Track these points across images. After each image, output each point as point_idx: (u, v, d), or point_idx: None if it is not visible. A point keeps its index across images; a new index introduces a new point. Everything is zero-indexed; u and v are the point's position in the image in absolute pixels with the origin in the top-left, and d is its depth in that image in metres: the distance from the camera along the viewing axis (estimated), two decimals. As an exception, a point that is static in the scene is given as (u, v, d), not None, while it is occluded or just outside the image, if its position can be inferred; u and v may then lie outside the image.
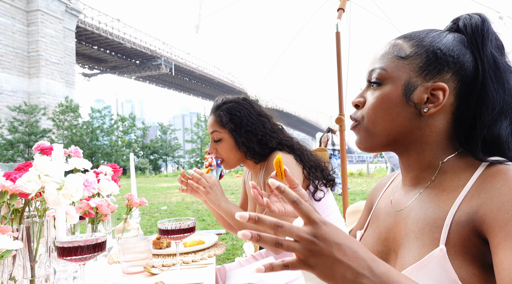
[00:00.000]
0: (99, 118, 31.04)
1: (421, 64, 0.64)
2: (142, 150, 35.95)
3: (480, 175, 0.58)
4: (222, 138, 1.42)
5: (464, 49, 0.64)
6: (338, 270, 0.46)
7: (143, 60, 55.83)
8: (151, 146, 36.31)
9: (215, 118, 1.44)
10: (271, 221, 0.46)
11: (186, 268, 1.23)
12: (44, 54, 31.30)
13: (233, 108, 1.43)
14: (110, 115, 33.76)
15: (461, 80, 0.63)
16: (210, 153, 1.47)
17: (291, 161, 1.35)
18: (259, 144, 1.39)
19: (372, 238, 0.73)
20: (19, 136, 26.23)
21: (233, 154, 1.43)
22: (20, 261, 0.84)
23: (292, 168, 1.33)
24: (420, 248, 0.59)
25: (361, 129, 0.70)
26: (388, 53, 0.68)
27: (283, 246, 0.45)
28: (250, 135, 1.39)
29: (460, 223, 0.55)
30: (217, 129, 1.43)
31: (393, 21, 2.80)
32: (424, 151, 0.66)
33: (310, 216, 0.47)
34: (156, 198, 9.96)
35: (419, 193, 0.66)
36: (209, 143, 1.48)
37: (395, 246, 0.66)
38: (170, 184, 15.78)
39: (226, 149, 1.43)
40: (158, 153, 36.87)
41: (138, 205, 1.38)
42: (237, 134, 1.40)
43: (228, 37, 3.10)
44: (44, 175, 0.84)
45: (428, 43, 0.66)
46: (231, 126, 1.40)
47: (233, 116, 1.41)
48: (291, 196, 0.48)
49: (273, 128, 1.44)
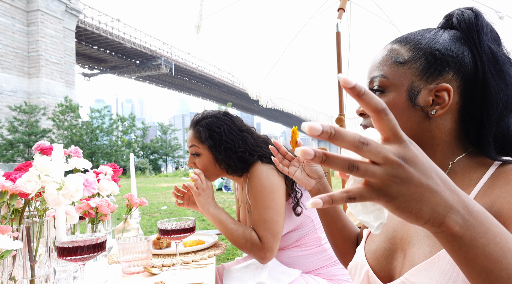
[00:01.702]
0: (98, 118, 31.06)
1: (421, 67, 0.64)
2: (142, 150, 35.96)
3: (493, 173, 0.58)
4: (200, 153, 1.39)
5: (462, 46, 0.64)
6: (428, 202, 0.36)
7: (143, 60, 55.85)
8: (151, 145, 36.33)
9: (194, 133, 1.40)
10: (354, 136, 0.34)
11: (186, 268, 1.23)
12: (44, 54, 31.31)
13: (212, 124, 1.39)
14: (109, 115, 33.74)
15: (463, 78, 0.63)
16: (189, 167, 1.44)
17: (271, 170, 1.31)
18: (239, 160, 1.36)
19: (379, 236, 0.73)
20: (19, 136, 26.24)
21: (211, 169, 1.40)
22: (20, 261, 0.84)
23: (273, 178, 1.30)
24: (431, 246, 0.58)
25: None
26: (386, 60, 0.67)
27: (360, 169, 0.34)
28: (230, 152, 1.36)
29: None
30: (195, 144, 1.39)
31: (394, 21, 2.80)
32: (435, 152, 0.66)
33: (398, 131, 0.36)
34: (156, 198, 9.96)
35: None
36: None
37: (402, 245, 0.66)
38: (170, 184, 15.78)
39: (204, 164, 1.39)
40: (158, 153, 36.88)
41: (138, 205, 1.38)
42: (216, 151, 1.36)
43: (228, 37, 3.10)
44: (44, 175, 0.84)
45: (425, 45, 0.65)
46: (210, 143, 1.37)
47: (212, 132, 1.38)
48: (375, 101, 0.35)
49: (255, 142, 1.41)
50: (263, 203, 1.27)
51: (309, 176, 0.91)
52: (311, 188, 0.91)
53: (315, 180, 0.91)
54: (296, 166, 0.92)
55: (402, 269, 0.62)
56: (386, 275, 0.66)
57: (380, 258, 0.69)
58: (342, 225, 0.91)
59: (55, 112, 28.49)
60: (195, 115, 1.48)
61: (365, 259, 0.72)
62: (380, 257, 0.69)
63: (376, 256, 0.70)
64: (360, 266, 0.72)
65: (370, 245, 0.74)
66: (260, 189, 1.28)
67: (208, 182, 1.37)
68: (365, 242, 0.77)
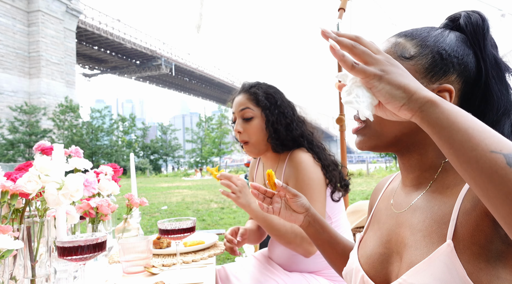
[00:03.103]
0: (99, 118, 31.08)
1: (427, 65, 0.63)
2: (142, 150, 35.98)
3: None
4: (253, 117, 1.38)
5: (467, 49, 0.63)
6: (413, 80, 0.50)
7: (143, 61, 55.87)
8: (151, 146, 36.34)
9: (248, 96, 1.41)
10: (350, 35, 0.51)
11: (186, 268, 1.23)
12: (44, 54, 31.35)
13: (270, 89, 1.43)
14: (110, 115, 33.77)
15: (465, 81, 0.63)
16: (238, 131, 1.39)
17: (309, 159, 1.32)
18: (286, 128, 1.37)
19: (373, 241, 0.72)
20: (20, 136, 26.26)
21: (261, 135, 1.38)
22: (20, 260, 0.84)
23: (318, 170, 1.31)
24: (429, 246, 0.58)
25: (366, 129, 0.68)
26: (391, 53, 0.66)
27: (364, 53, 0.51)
28: (281, 117, 1.37)
29: (466, 212, 0.55)
30: (250, 106, 1.38)
31: (394, 21, 2.80)
32: (427, 151, 0.65)
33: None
34: (156, 198, 9.96)
35: (422, 193, 0.65)
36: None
37: (398, 248, 0.65)
38: (170, 184, 15.78)
39: (256, 128, 1.38)
40: (158, 153, 36.89)
41: (139, 205, 1.38)
42: (270, 114, 1.37)
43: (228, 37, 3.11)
44: (45, 175, 0.84)
45: (432, 43, 0.64)
46: (266, 104, 1.38)
47: (268, 95, 1.40)
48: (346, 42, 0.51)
49: (298, 118, 1.44)
50: (312, 196, 1.26)
51: (296, 211, 0.88)
52: (300, 223, 0.87)
53: (302, 213, 0.88)
54: (279, 202, 0.88)
55: (400, 271, 0.61)
56: (382, 280, 0.65)
57: (375, 263, 0.68)
58: (341, 248, 0.88)
59: (56, 113, 28.51)
60: (246, 82, 1.48)
61: (359, 264, 0.71)
62: (375, 262, 0.68)
63: (371, 262, 0.69)
64: (354, 271, 0.72)
65: (363, 250, 0.73)
66: (308, 182, 1.27)
67: (240, 180, 1.28)
68: (358, 247, 0.76)
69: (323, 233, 0.88)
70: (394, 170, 17.23)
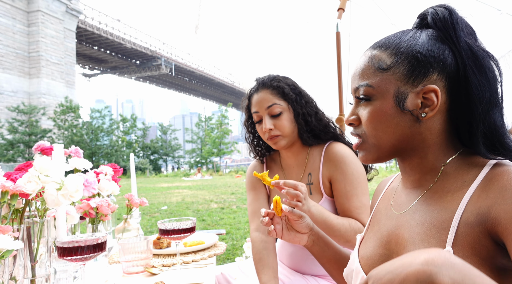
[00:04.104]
0: (99, 118, 31.08)
1: (405, 71, 0.63)
2: (142, 150, 35.96)
3: (486, 175, 0.57)
4: (282, 111, 1.29)
5: (442, 45, 0.63)
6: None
7: (143, 61, 55.85)
8: (151, 146, 36.32)
9: (271, 90, 1.31)
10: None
11: (186, 268, 1.23)
12: (44, 54, 31.34)
13: (287, 79, 1.35)
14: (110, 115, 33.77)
15: (448, 76, 0.63)
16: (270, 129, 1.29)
17: (351, 152, 1.27)
18: (316, 118, 1.32)
19: (373, 241, 0.72)
20: (20, 136, 26.26)
21: (291, 128, 1.30)
22: (20, 261, 0.85)
23: (356, 160, 1.26)
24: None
25: (365, 144, 0.69)
26: (369, 67, 0.66)
27: None
28: (309, 108, 1.32)
29: (469, 224, 0.54)
30: (276, 102, 1.29)
31: (394, 21, 2.80)
32: (427, 154, 0.65)
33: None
34: (156, 198, 9.96)
35: (422, 195, 0.65)
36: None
37: (398, 249, 0.65)
38: (170, 184, 15.78)
39: (287, 122, 1.29)
40: (158, 153, 36.88)
41: (138, 205, 1.38)
42: (298, 106, 1.30)
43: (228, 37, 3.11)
44: (44, 175, 0.84)
45: (405, 48, 0.64)
46: (293, 97, 1.30)
47: (291, 86, 1.33)
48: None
49: (318, 108, 1.38)
50: (362, 189, 1.25)
51: (300, 232, 0.87)
52: (304, 243, 0.86)
53: (306, 234, 0.87)
54: (279, 222, 0.87)
55: None
56: None
57: (376, 263, 0.68)
58: (347, 262, 0.87)
59: (56, 113, 28.51)
60: (263, 77, 1.38)
61: (359, 265, 0.71)
62: (375, 263, 0.68)
63: (371, 262, 0.69)
64: (355, 272, 0.72)
65: (364, 250, 0.74)
66: (357, 176, 1.26)
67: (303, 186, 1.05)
68: (358, 248, 0.76)
69: (328, 250, 0.87)
70: (394, 170, 17.23)
